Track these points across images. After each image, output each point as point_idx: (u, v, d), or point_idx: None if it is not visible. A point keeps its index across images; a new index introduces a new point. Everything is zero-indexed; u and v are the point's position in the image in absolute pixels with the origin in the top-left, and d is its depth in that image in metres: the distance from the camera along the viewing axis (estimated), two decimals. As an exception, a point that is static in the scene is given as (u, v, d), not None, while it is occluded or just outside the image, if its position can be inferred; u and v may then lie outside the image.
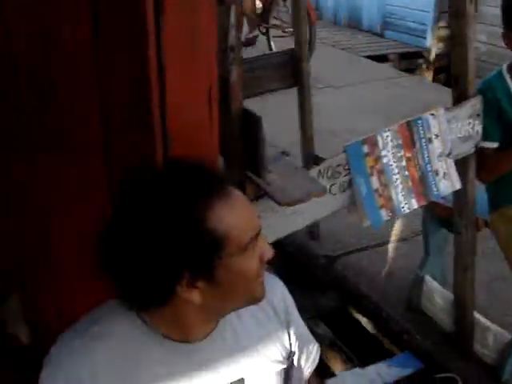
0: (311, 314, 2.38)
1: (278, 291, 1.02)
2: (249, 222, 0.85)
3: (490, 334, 2.00)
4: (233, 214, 0.82)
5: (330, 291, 2.62)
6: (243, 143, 1.46)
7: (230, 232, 0.81)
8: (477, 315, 2.03)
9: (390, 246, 2.84)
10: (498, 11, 1.87)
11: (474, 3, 1.71)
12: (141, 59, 1.03)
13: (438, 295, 2.19)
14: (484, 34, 5.81)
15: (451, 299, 2.09)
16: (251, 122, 1.41)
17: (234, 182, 1.10)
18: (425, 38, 6.84)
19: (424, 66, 6.79)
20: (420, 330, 2.24)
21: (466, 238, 1.93)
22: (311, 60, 3.09)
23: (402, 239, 2.90)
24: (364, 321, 2.45)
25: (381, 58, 6.83)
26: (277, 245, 1.27)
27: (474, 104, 1.73)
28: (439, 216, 2.13)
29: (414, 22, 6.91)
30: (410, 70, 6.81)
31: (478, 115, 1.74)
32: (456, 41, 1.71)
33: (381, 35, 7.74)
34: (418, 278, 2.29)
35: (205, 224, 0.79)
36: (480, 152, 1.82)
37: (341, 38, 7.63)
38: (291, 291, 1.05)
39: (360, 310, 2.47)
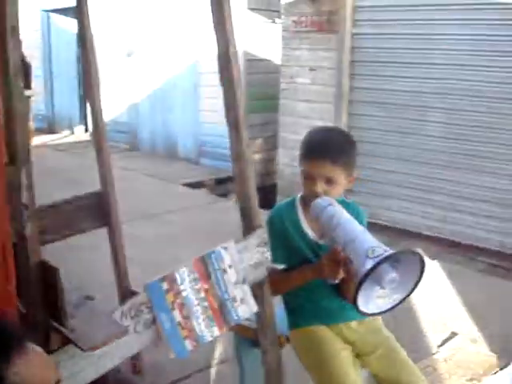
0: None
1: None
2: (45, 376, 0.91)
3: None
4: (29, 369, 0.89)
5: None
6: (44, 293, 1.51)
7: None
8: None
9: (213, 370, 2.93)
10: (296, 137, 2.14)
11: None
12: None
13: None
14: (287, 157, 6.43)
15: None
16: (50, 274, 1.48)
17: (38, 331, 1.16)
18: (236, 163, 7.36)
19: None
20: None
21: (272, 356, 2.08)
22: (129, 191, 3.24)
23: (223, 361, 3.01)
24: None
25: (198, 185, 7.20)
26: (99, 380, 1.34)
27: (261, 234, 1.94)
28: (248, 337, 2.27)
29: (226, 148, 7.40)
30: (227, 194, 7.23)
31: (266, 243, 1.96)
32: (238, 179, 1.94)
33: (196, 163, 8.19)
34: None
35: (4, 380, 0.86)
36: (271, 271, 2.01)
37: (158, 167, 7.95)
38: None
39: None
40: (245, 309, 1.89)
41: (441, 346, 3.29)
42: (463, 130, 5.31)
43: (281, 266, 2.02)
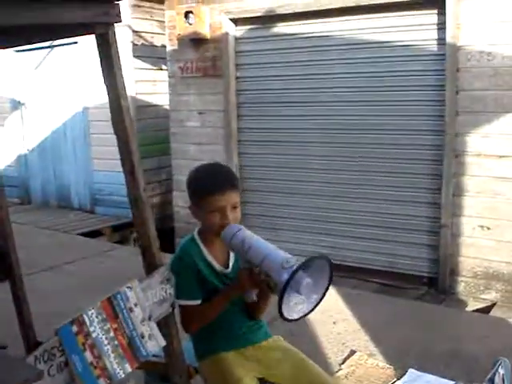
0: None
1: None
2: None
3: None
4: None
5: None
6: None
7: None
8: None
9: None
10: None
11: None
12: None
13: None
14: (182, 200, 6.57)
15: None
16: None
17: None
18: (132, 209, 7.38)
19: (135, 235, 7.25)
20: None
21: (182, 387, 2.18)
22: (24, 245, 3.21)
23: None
24: None
25: (94, 234, 7.15)
26: None
27: (163, 272, 2.06)
28: (157, 372, 2.36)
29: (120, 195, 7.41)
30: (124, 241, 7.24)
31: (168, 280, 2.07)
32: (137, 222, 2.05)
33: (91, 211, 8.13)
34: None
35: None
36: (185, 309, 2.11)
37: (52, 218, 7.82)
38: None
39: None
40: (153, 344, 1.99)
41: (342, 363, 3.50)
42: (343, 162, 5.70)
43: (197, 302, 2.11)
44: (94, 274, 5.21)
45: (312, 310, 1.91)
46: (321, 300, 1.92)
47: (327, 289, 1.92)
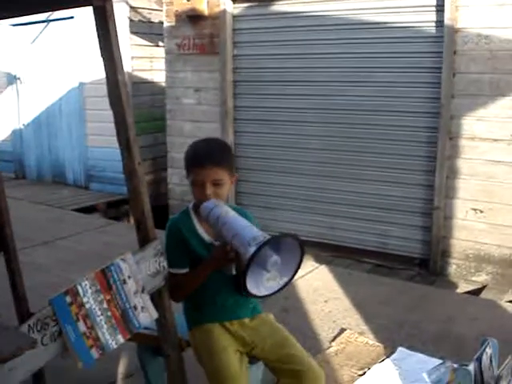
0: None
1: None
2: None
3: None
4: None
5: None
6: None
7: None
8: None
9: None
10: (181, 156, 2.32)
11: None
12: None
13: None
14: (177, 177, 6.59)
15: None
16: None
17: None
18: (127, 185, 7.39)
19: (130, 211, 7.28)
20: None
21: (174, 359, 2.21)
22: (19, 220, 3.21)
23: (129, 375, 3.09)
24: None
25: (89, 209, 7.16)
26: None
27: (156, 245, 2.08)
28: (150, 345, 2.39)
29: (115, 172, 7.41)
30: (119, 217, 7.25)
31: (162, 253, 2.10)
32: (132, 196, 2.06)
33: (86, 187, 8.13)
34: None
35: None
36: (172, 277, 2.16)
37: (46, 194, 7.82)
38: None
39: None
40: (146, 316, 2.01)
41: (332, 341, 3.54)
42: (339, 142, 5.70)
43: (183, 271, 2.19)
44: (89, 249, 5.23)
45: (281, 288, 1.95)
46: (291, 279, 1.95)
47: (297, 269, 1.95)
